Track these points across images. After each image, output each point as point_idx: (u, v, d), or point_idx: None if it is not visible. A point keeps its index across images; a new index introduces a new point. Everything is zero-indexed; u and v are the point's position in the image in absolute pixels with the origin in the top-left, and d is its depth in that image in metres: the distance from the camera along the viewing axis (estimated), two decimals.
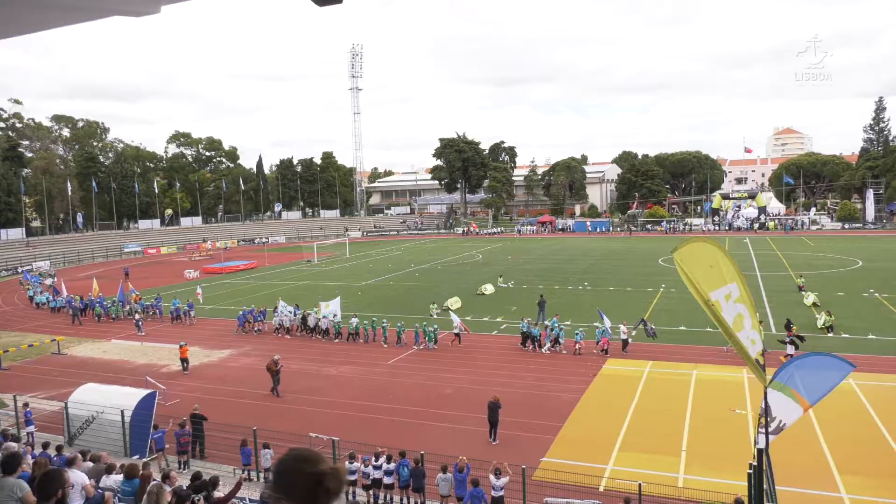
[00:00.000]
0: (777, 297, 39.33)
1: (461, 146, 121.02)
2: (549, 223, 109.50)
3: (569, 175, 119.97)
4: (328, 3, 9.02)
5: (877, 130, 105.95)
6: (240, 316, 35.46)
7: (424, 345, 29.52)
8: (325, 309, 33.21)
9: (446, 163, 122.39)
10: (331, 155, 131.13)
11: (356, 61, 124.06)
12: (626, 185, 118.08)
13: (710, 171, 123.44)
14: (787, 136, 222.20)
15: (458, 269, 59.09)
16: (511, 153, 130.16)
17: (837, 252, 62.64)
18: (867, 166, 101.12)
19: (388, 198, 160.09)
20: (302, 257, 73.47)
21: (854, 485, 15.05)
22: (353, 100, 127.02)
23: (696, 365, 25.19)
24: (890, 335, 29.04)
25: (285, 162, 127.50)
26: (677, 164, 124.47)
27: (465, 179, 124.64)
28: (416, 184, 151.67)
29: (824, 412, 18.44)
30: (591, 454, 17.29)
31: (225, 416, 20.22)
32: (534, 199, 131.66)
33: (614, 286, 45.79)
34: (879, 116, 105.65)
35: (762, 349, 10.88)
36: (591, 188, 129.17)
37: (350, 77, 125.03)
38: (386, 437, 18.46)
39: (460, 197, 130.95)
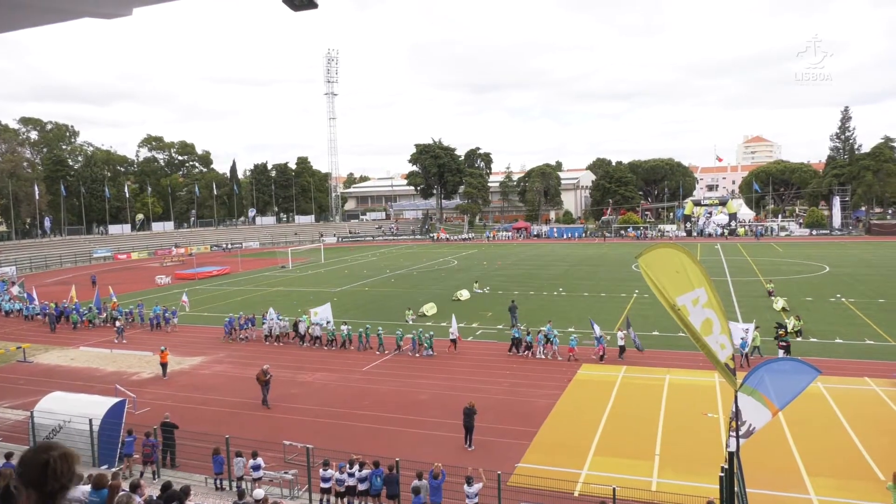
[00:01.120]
0: (747, 302, 39.99)
1: (437, 152, 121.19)
2: (525, 229, 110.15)
3: (544, 181, 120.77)
4: (303, 7, 8.96)
5: (843, 139, 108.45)
6: (226, 323, 34.68)
7: (421, 352, 29.22)
8: (314, 316, 32.56)
9: (422, 168, 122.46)
10: (306, 160, 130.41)
11: (332, 66, 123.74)
12: (601, 192, 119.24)
13: (682, 178, 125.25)
14: (756, 144, 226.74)
15: (433, 275, 59.07)
16: (487, 159, 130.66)
17: (805, 258, 63.95)
18: (833, 174, 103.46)
19: (364, 203, 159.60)
20: (276, 263, 72.84)
21: (823, 486, 15.32)
22: (328, 105, 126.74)
23: (669, 369, 25.48)
24: (856, 339, 29.69)
25: (259, 167, 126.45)
26: (650, 170, 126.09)
27: (441, 185, 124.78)
28: (392, 189, 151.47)
29: (794, 415, 18.78)
30: (566, 459, 17.36)
31: (197, 425, 19.92)
32: (509, 205, 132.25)
33: (588, 292, 46.16)
34: (845, 125, 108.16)
35: (731, 353, 11.04)
36: (565, 194, 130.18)
37: (326, 82, 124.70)
38: (360, 444, 18.35)
39: (436, 203, 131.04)
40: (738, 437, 10.83)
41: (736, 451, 10.80)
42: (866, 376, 23.70)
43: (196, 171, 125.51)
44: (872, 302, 38.56)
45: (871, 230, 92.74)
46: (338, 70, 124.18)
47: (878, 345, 28.73)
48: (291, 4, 9.63)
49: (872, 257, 63.15)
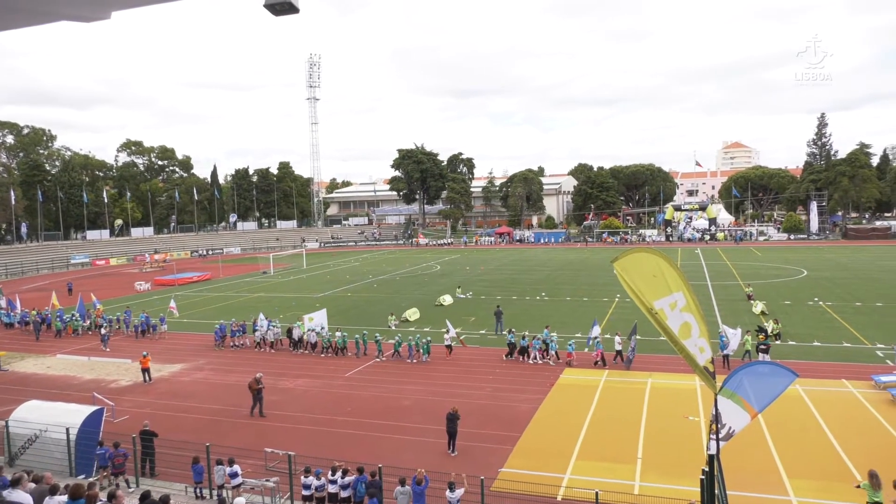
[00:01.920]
0: (727, 305, 40.42)
1: (420, 157, 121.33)
2: (507, 234, 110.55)
3: (526, 187, 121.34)
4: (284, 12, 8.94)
5: (819, 145, 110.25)
6: (217, 330, 34.06)
7: (419, 358, 29.07)
8: (309, 322, 32.15)
9: (405, 174, 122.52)
10: (287, 165, 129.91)
11: (314, 71, 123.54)
12: (582, 197, 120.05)
13: (662, 184, 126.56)
14: (735, 149, 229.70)
15: (416, 281, 59.00)
16: (469, 164, 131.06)
17: (784, 262, 64.82)
18: (811, 179, 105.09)
19: (347, 208, 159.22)
20: (258, 268, 72.34)
21: (802, 488, 15.48)
22: (310, 110, 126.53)
23: (651, 373, 25.65)
24: (834, 342, 30.11)
25: (241, 172, 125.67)
26: (631, 176, 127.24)
27: (424, 190, 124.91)
28: (375, 195, 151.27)
29: (773, 418, 18.99)
30: (549, 464, 17.39)
31: (176, 433, 19.67)
32: (492, 210, 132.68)
33: (570, 296, 46.37)
34: (822, 132, 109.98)
35: (711, 357, 11.15)
36: (547, 199, 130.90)
37: (308, 87, 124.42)
38: (343, 451, 18.24)
39: (419, 208, 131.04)
40: (717, 440, 10.93)
41: (716, 454, 10.90)
42: (844, 378, 24.03)
43: (176, 176, 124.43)
44: (849, 305, 39.15)
45: (847, 235, 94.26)
46: (320, 75, 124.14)
47: (854, 347, 29.16)
48: (273, 9, 9.61)
49: (849, 261, 64.16)
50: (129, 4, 4.47)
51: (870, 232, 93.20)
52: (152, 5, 3.97)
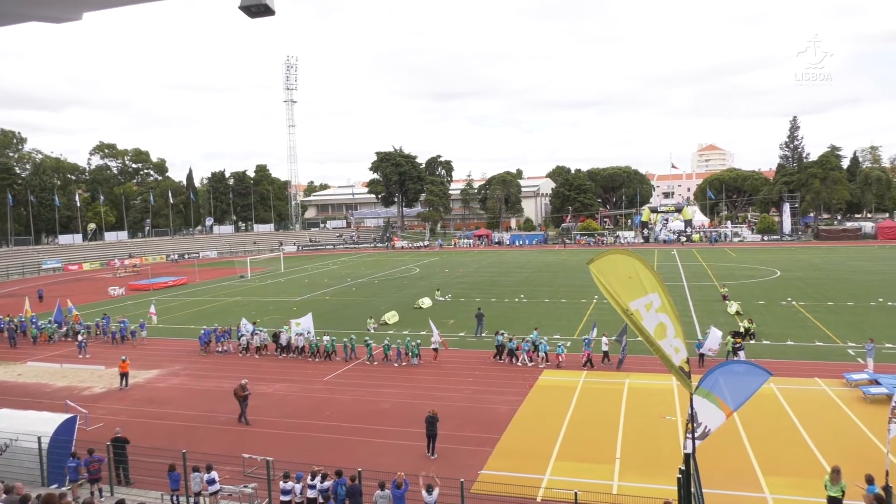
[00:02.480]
0: (703, 306, 40.94)
1: (398, 160, 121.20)
2: (486, 236, 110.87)
3: (504, 189, 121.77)
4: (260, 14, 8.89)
5: (792, 147, 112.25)
6: (201, 336, 33.49)
7: (408, 361, 28.92)
8: (296, 327, 31.77)
9: (383, 176, 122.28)
10: (265, 168, 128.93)
11: (291, 73, 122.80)
12: (560, 199, 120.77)
13: (639, 186, 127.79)
14: (710, 152, 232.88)
15: (395, 283, 58.88)
16: (448, 167, 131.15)
17: (758, 263, 65.85)
18: (783, 181, 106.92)
19: (325, 211, 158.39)
20: (235, 272, 71.63)
21: (777, 485, 15.72)
22: (287, 112, 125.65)
23: (629, 374, 25.87)
24: (807, 341, 30.65)
25: (217, 175, 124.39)
26: (608, 178, 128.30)
27: (402, 193, 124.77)
28: (353, 197, 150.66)
29: (748, 416, 19.27)
30: (528, 465, 17.44)
31: (152, 440, 19.41)
32: (470, 212, 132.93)
33: (549, 298, 46.62)
34: (794, 135, 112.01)
35: (686, 357, 11.28)
36: (526, 202, 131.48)
37: (285, 89, 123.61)
38: (322, 455, 18.11)
39: (397, 211, 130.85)
40: (693, 439, 11.05)
41: (692, 453, 11.02)
42: (816, 377, 24.46)
43: (151, 180, 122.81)
44: (821, 305, 39.87)
45: (819, 235, 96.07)
46: (297, 77, 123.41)
47: (827, 346, 29.70)
48: (248, 11, 9.54)
49: (821, 262, 65.38)
50: (101, 5, 4.41)
51: (841, 233, 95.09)
52: (125, 6, 3.92)
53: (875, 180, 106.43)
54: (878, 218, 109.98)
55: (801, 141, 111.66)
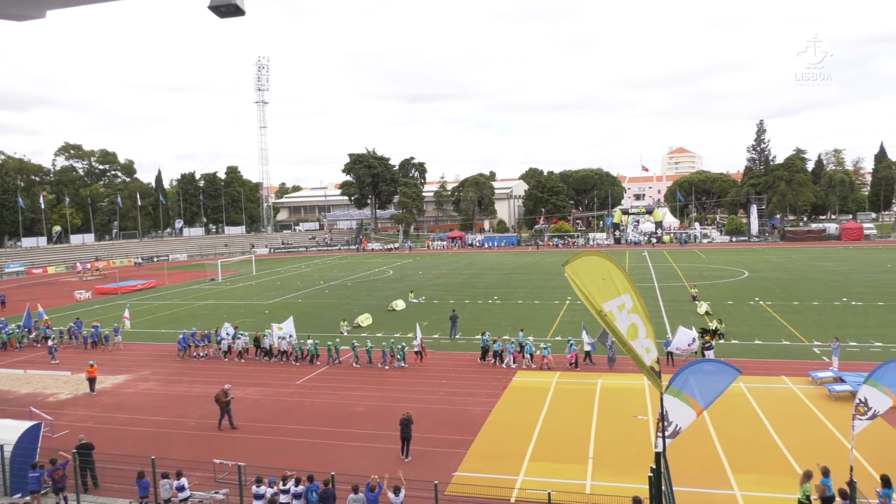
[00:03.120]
0: (673, 306, 41.50)
1: (371, 162, 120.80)
2: (459, 238, 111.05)
3: (478, 191, 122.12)
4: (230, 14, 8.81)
5: (758, 150, 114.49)
6: (180, 340, 32.74)
7: (392, 364, 28.69)
8: (278, 331, 31.33)
9: (356, 178, 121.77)
10: (235, 169, 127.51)
11: (262, 74, 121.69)
12: (533, 201, 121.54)
13: (610, 188, 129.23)
14: (680, 154, 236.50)
15: (368, 286, 58.65)
16: (421, 169, 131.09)
17: (726, 263, 67.00)
18: (751, 183, 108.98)
19: (297, 214, 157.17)
20: (205, 276, 70.68)
21: (746, 482, 15.98)
22: (258, 113, 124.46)
23: (601, 374, 26.11)
24: (774, 340, 31.26)
25: (187, 176, 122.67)
26: (580, 180, 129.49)
27: (375, 195, 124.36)
28: (326, 199, 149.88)
29: (717, 414, 19.57)
30: (502, 466, 17.48)
31: (120, 446, 19.02)
32: (444, 214, 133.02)
33: (522, 299, 46.85)
34: (761, 138, 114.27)
35: (657, 357, 11.42)
36: (499, 204, 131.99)
37: (256, 90, 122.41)
38: (295, 460, 17.95)
39: (370, 213, 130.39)
40: (664, 438, 11.18)
41: (662, 451, 11.15)
42: (783, 375, 24.95)
43: (119, 181, 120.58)
44: (788, 304, 40.71)
45: (785, 237, 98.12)
46: (268, 78, 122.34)
47: (793, 345, 30.33)
48: (218, 11, 9.44)
49: (787, 262, 66.79)
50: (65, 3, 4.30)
51: (806, 234, 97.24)
52: (89, 5, 3.83)
53: (839, 183, 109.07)
54: (842, 219, 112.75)
55: (768, 144, 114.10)
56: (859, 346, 29.13)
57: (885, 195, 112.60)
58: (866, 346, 29.05)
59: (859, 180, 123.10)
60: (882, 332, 31.89)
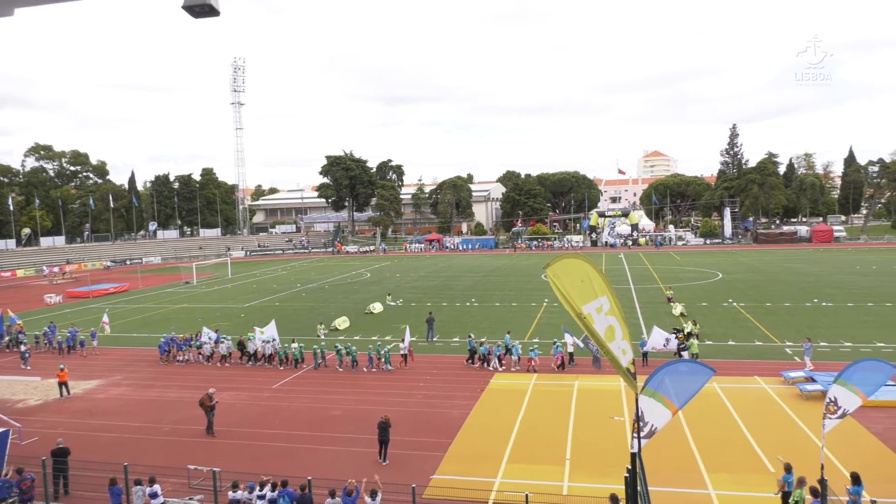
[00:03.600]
0: (649, 308, 41.91)
1: (348, 164, 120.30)
2: (437, 241, 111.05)
3: (455, 194, 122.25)
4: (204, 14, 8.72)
5: (732, 154, 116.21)
6: (161, 344, 32.18)
7: (379, 367, 28.49)
8: (260, 335, 30.89)
9: (333, 181, 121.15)
10: (211, 171, 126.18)
11: (238, 75, 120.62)
12: (511, 204, 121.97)
13: (587, 191, 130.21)
14: (655, 158, 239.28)
15: (346, 289, 58.36)
16: (399, 171, 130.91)
17: (701, 265, 67.87)
18: (724, 187, 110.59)
19: (273, 216, 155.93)
20: (180, 279, 69.74)
21: (721, 481, 16.17)
22: (234, 114, 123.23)
23: (578, 376, 26.27)
24: (747, 341, 31.72)
25: (161, 178, 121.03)
26: (557, 183, 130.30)
27: (353, 198, 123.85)
28: (303, 202, 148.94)
29: (692, 414, 19.80)
30: (480, 469, 17.48)
31: (92, 453, 18.68)
32: (422, 217, 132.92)
33: (500, 302, 46.96)
34: (734, 142, 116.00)
35: (632, 358, 11.51)
36: (477, 206, 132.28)
37: (232, 91, 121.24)
38: (271, 465, 17.78)
39: (348, 215, 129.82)
40: (639, 438, 11.27)
41: (638, 452, 11.23)
42: (756, 375, 25.32)
43: (90, 183, 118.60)
44: (760, 306, 41.35)
45: (758, 239, 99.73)
46: (244, 79, 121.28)
47: (766, 345, 30.81)
48: (192, 11, 9.33)
49: (759, 264, 67.85)
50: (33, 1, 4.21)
51: (778, 236, 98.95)
52: (59, 3, 3.75)
53: (809, 186, 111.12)
54: (813, 222, 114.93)
55: (741, 148, 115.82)
56: (829, 346, 29.67)
57: (853, 198, 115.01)
58: (836, 346, 29.61)
59: (829, 184, 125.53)
60: (851, 332, 32.54)
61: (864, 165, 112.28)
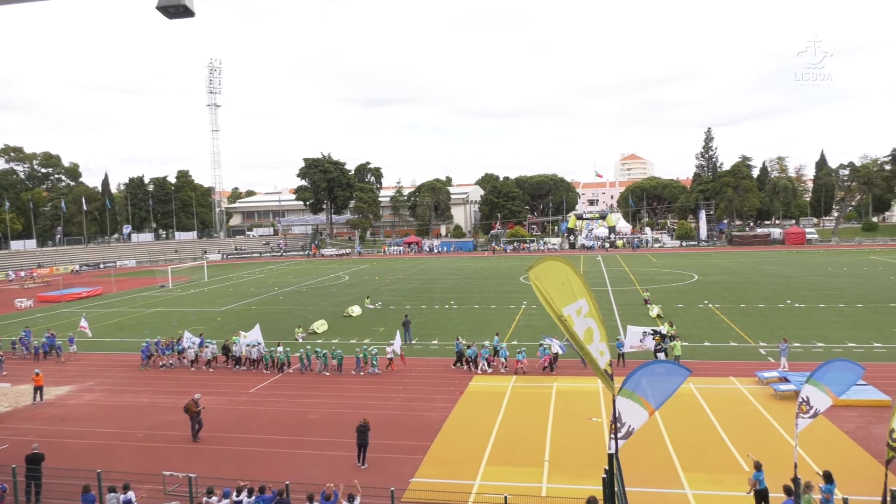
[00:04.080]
0: (626, 309, 42.28)
1: (326, 166, 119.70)
2: (416, 244, 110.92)
3: (434, 196, 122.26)
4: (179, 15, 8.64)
5: (707, 157, 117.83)
6: (143, 349, 31.58)
7: (366, 370, 28.25)
8: (244, 339, 30.45)
9: (311, 183, 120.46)
10: (187, 173, 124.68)
11: (215, 76, 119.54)
12: (489, 207, 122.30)
13: (565, 193, 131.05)
14: (632, 161, 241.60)
15: (324, 292, 58.03)
16: (377, 174, 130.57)
17: (677, 267, 68.66)
18: (699, 189, 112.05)
19: (250, 219, 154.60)
20: (155, 282, 68.78)
21: (696, 481, 16.35)
22: (211, 116, 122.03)
23: (556, 377, 26.40)
24: (722, 342, 32.15)
25: (135, 180, 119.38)
26: (536, 185, 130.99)
27: (331, 200, 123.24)
28: (280, 204, 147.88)
29: (668, 415, 20.00)
30: (459, 471, 17.47)
31: (64, 460, 18.33)
32: (400, 219, 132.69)
33: (479, 304, 47.03)
34: (709, 145, 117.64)
35: (610, 360, 11.60)
36: (455, 209, 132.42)
37: (208, 93, 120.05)
38: (248, 470, 17.60)
39: (326, 218, 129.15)
40: (616, 439, 11.35)
41: (615, 453, 11.31)
42: (731, 376, 25.67)
43: (63, 185, 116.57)
44: (735, 307, 41.93)
45: (732, 241, 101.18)
46: (221, 80, 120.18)
47: (740, 346, 31.24)
48: (166, 12, 9.23)
49: (734, 266, 68.83)
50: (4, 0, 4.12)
51: (752, 238, 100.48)
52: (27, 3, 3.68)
53: (782, 189, 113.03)
54: (785, 224, 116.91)
55: (716, 151, 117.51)
56: (802, 346, 30.17)
57: (825, 201, 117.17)
58: (809, 347, 30.12)
59: (801, 187, 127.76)
60: (824, 332, 33.14)
61: (834, 169, 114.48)
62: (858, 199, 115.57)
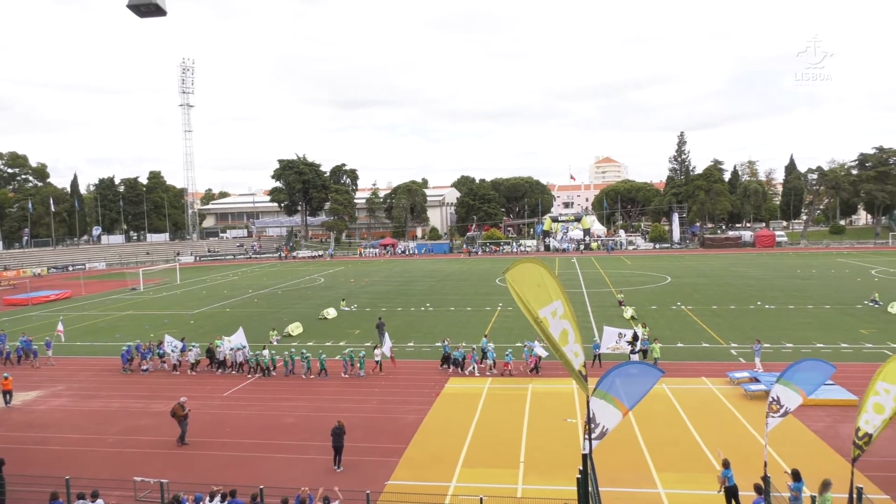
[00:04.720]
0: (600, 311, 42.66)
1: (301, 168, 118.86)
2: (392, 246, 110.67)
3: (410, 198, 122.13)
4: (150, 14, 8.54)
5: (679, 161, 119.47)
6: (123, 353, 30.94)
7: (353, 373, 27.99)
8: (227, 343, 30.03)
9: (286, 185, 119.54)
10: (159, 174, 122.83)
11: (187, 76, 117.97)
12: (465, 209, 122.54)
13: (540, 196, 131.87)
14: (606, 164, 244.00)
15: (299, 294, 57.60)
16: (353, 176, 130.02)
17: (650, 269, 69.46)
18: (672, 193, 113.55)
19: (224, 220, 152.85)
20: (126, 285, 67.65)
21: (669, 480, 16.56)
22: (183, 117, 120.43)
23: (532, 379, 26.53)
24: (694, 343, 32.60)
25: (106, 181, 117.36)
26: (511, 188, 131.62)
27: (306, 202, 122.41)
28: (254, 206, 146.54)
29: (641, 415, 20.22)
30: (435, 473, 17.47)
31: (31, 467, 17.93)
32: (376, 221, 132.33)
33: (455, 306, 47.07)
34: (681, 149, 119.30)
35: (584, 361, 11.69)
36: (431, 211, 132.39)
37: (181, 93, 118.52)
38: (222, 474, 17.39)
39: (301, 220, 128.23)
40: (590, 440, 11.44)
41: (589, 453, 11.40)
42: (703, 376, 26.04)
43: (30, 186, 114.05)
44: (707, 308, 42.55)
45: (704, 244, 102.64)
46: (194, 80, 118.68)
47: (712, 347, 31.71)
48: (137, 10, 9.11)
49: (706, 268, 69.85)
50: None
51: (723, 241, 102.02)
52: None
53: (753, 192, 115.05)
54: (756, 227, 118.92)
55: (688, 155, 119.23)
56: (772, 347, 30.69)
57: (794, 204, 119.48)
58: (778, 347, 30.67)
59: (771, 190, 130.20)
60: (793, 333, 33.78)
61: (803, 173, 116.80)
62: (826, 202, 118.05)
